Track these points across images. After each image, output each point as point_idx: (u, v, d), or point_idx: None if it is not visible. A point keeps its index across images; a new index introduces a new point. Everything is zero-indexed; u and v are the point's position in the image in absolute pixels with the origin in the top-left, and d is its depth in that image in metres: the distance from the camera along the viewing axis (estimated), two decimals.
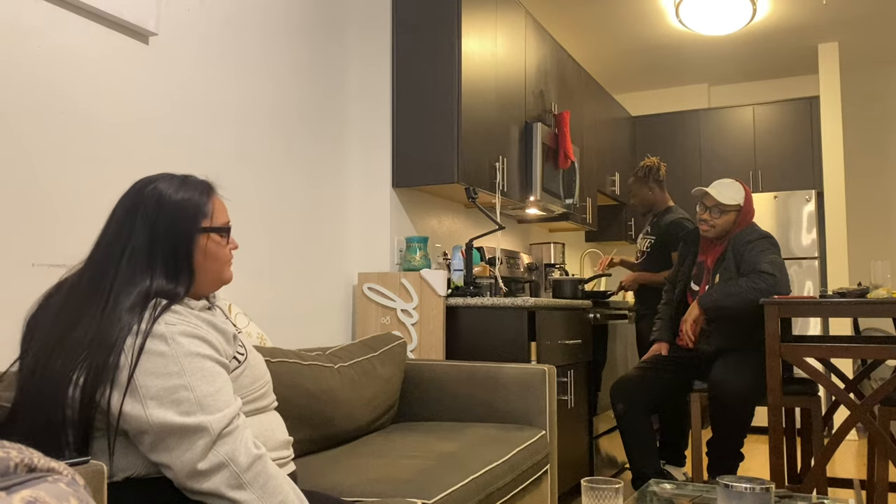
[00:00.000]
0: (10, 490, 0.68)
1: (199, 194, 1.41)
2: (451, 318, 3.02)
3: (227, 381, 1.29)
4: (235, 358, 1.38)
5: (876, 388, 2.53)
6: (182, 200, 1.38)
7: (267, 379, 1.50)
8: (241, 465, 1.23)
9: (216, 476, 1.21)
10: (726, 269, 2.97)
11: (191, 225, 1.37)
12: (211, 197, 1.42)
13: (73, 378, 1.20)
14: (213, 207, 1.41)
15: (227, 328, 1.37)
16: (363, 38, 3.39)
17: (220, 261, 1.42)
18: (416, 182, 3.30)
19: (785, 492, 1.76)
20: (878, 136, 5.83)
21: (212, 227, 1.39)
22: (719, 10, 4.54)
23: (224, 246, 1.42)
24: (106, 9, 2.06)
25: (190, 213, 1.37)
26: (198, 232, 1.38)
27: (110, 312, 1.25)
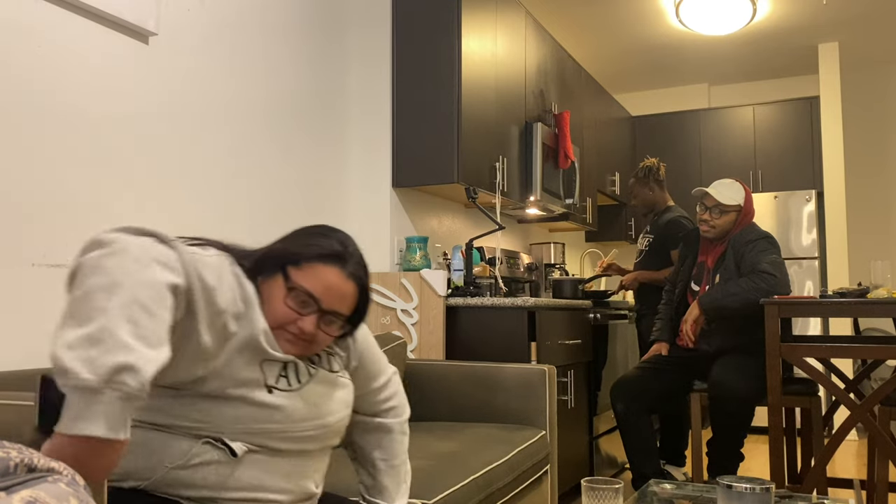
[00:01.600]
0: (10, 490, 0.68)
1: (316, 248, 1.27)
2: (451, 318, 3.02)
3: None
4: (286, 377, 1.24)
5: (876, 388, 2.53)
6: (301, 241, 1.28)
7: (323, 423, 1.29)
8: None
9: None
10: (726, 269, 2.97)
11: (278, 258, 1.26)
12: (326, 262, 1.25)
13: None
14: (313, 268, 1.24)
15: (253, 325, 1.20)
16: (363, 38, 3.39)
17: (274, 311, 1.23)
18: (416, 182, 3.30)
19: (785, 492, 1.76)
20: (878, 136, 5.83)
21: (286, 271, 1.24)
22: (719, 10, 4.54)
23: (283, 305, 1.23)
24: (106, 9, 2.06)
25: (290, 250, 1.26)
26: (277, 266, 1.25)
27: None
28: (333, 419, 1.31)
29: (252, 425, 1.20)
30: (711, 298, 2.89)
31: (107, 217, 2.09)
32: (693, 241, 3.23)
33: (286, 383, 1.23)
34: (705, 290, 3.05)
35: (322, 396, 1.29)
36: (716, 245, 3.08)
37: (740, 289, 2.82)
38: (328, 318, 1.26)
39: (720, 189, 3.02)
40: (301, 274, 1.24)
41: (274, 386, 1.21)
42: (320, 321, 1.25)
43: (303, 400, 1.25)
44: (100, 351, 0.92)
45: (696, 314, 2.94)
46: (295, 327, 1.23)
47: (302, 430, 1.25)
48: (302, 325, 1.23)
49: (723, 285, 2.89)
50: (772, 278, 2.80)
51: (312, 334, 1.24)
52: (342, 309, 1.27)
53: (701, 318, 2.96)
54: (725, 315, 2.91)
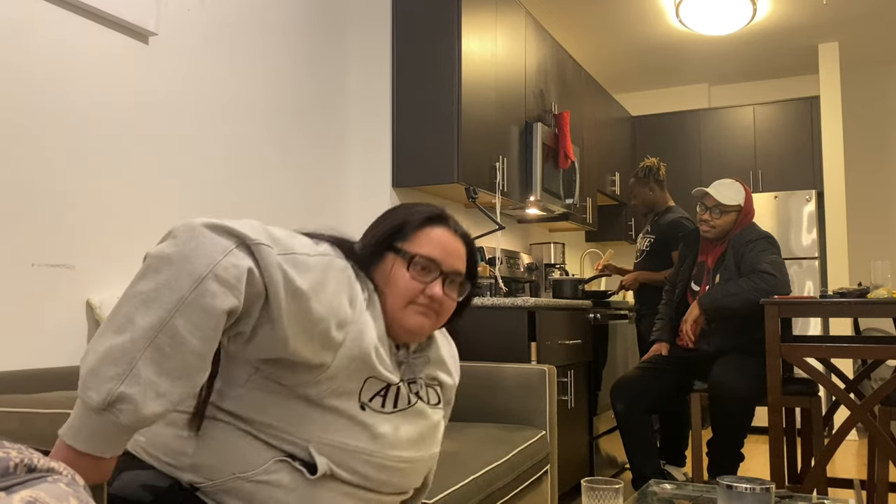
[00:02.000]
0: (9, 490, 0.68)
1: (416, 213, 1.27)
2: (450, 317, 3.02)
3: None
4: (385, 396, 1.18)
5: (876, 388, 2.53)
6: (399, 216, 1.27)
7: (412, 456, 1.23)
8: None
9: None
10: (727, 269, 2.97)
11: (384, 239, 1.24)
12: (429, 225, 1.26)
13: None
14: (421, 234, 1.25)
15: (366, 322, 1.15)
16: (363, 38, 3.39)
17: (395, 290, 1.21)
18: (416, 182, 3.30)
19: (785, 492, 1.76)
20: (879, 135, 5.83)
21: (400, 248, 1.23)
22: (719, 10, 4.54)
23: (408, 277, 1.21)
24: (106, 9, 2.06)
25: (391, 227, 1.25)
26: (387, 247, 1.24)
27: None
28: (424, 455, 1.25)
29: (341, 439, 1.13)
30: (711, 298, 2.89)
31: (107, 217, 2.09)
32: (693, 241, 3.23)
33: (380, 404, 1.17)
34: (705, 290, 3.04)
35: (417, 428, 1.23)
36: (716, 245, 3.08)
37: (740, 289, 2.82)
38: (451, 280, 1.27)
39: (720, 189, 3.02)
40: (413, 244, 1.24)
41: (367, 403, 1.15)
42: (445, 284, 1.25)
43: (395, 427, 1.19)
44: (113, 372, 0.93)
45: (696, 314, 2.95)
46: (424, 297, 1.22)
47: (391, 459, 1.18)
48: (431, 293, 1.22)
49: (723, 285, 2.89)
50: (772, 278, 2.80)
51: (441, 299, 1.23)
52: (460, 267, 1.28)
53: (701, 319, 2.96)
54: (725, 315, 2.91)
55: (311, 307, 1.06)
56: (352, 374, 1.13)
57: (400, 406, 1.20)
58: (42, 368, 1.71)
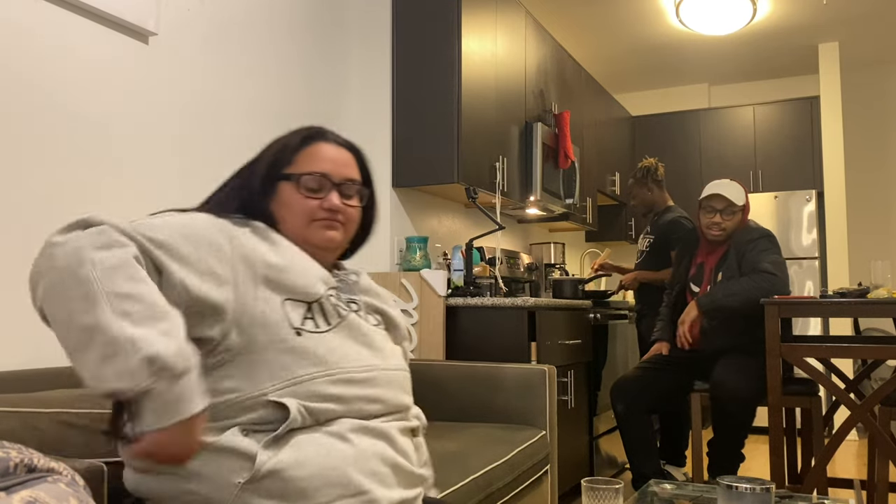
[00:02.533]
0: (9, 490, 0.68)
1: (292, 136, 1.29)
2: (451, 318, 3.02)
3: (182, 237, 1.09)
4: (313, 318, 1.16)
5: (876, 388, 2.53)
6: (277, 145, 1.28)
7: (376, 364, 1.20)
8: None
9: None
10: (729, 267, 2.96)
11: (267, 169, 1.26)
12: (309, 143, 1.28)
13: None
14: (303, 154, 1.27)
15: (290, 256, 1.18)
16: (363, 38, 3.39)
17: (295, 213, 1.24)
18: (416, 182, 3.30)
19: (785, 492, 1.76)
20: (879, 135, 5.83)
21: (287, 173, 1.26)
22: (719, 10, 4.54)
23: (302, 198, 1.24)
24: (106, 9, 2.06)
25: (272, 157, 1.27)
26: (276, 178, 1.26)
27: None
28: (390, 365, 1.22)
29: (290, 375, 1.10)
30: (711, 299, 2.89)
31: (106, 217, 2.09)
32: (690, 242, 3.21)
33: (314, 325, 1.16)
34: (706, 290, 3.04)
35: (362, 340, 1.21)
36: (718, 246, 3.07)
37: (741, 288, 2.82)
38: (345, 189, 1.28)
39: (729, 190, 2.99)
40: (298, 165, 1.26)
41: (301, 328, 1.14)
42: (341, 195, 1.27)
43: (338, 343, 1.17)
44: (119, 361, 0.93)
45: (694, 315, 2.94)
46: (323, 211, 1.25)
47: (350, 370, 1.16)
48: (328, 205, 1.24)
49: (723, 284, 2.88)
50: (773, 277, 2.79)
51: (341, 208, 1.25)
52: (352, 174, 1.30)
53: (699, 319, 2.95)
54: (725, 314, 2.91)
55: (182, 250, 1.08)
56: (265, 303, 1.12)
57: (332, 322, 1.18)
58: (42, 368, 1.71)
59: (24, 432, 1.25)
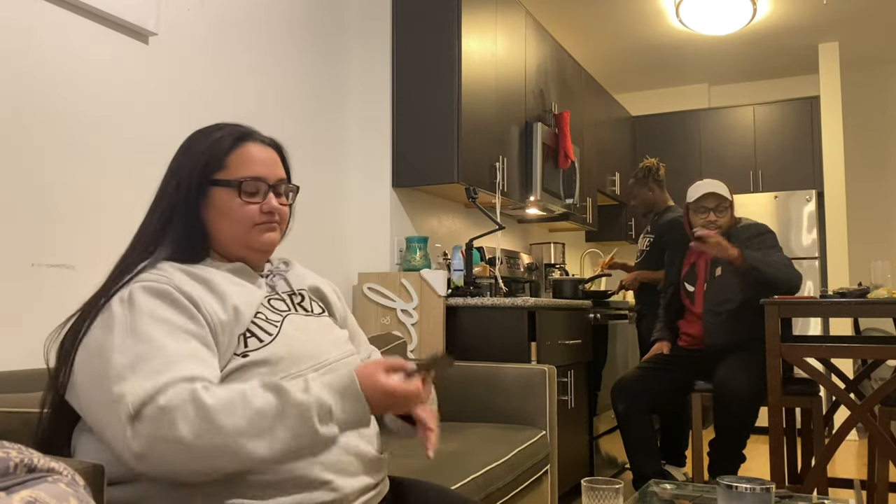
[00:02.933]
0: (9, 490, 0.68)
1: (221, 140, 1.23)
2: (451, 318, 3.02)
3: (180, 344, 1.06)
4: (253, 335, 1.16)
5: (876, 388, 2.53)
6: (199, 145, 1.23)
7: (320, 362, 1.20)
8: (171, 429, 0.98)
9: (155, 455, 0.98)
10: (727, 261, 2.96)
11: (198, 174, 1.21)
12: (238, 145, 1.24)
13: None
14: (234, 157, 1.23)
15: (229, 293, 1.16)
16: (363, 37, 3.39)
17: (235, 220, 1.21)
18: (416, 182, 3.30)
19: (785, 492, 1.76)
20: (879, 135, 5.83)
21: (223, 179, 1.21)
22: (719, 10, 4.54)
23: (242, 204, 1.22)
24: (106, 9, 2.06)
25: (203, 160, 1.21)
26: (208, 183, 1.21)
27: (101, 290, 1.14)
28: (331, 356, 1.23)
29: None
30: (754, 258, 2.77)
31: (107, 217, 2.09)
32: (681, 243, 3.20)
33: (256, 341, 1.16)
34: (702, 287, 3.04)
35: (310, 333, 1.23)
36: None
37: (778, 263, 2.78)
38: (278, 190, 1.28)
39: (716, 187, 2.99)
40: (232, 170, 1.23)
41: (245, 350, 1.15)
42: (275, 195, 1.27)
43: (286, 343, 1.18)
44: (311, 446, 1.05)
45: (736, 255, 2.76)
46: (263, 215, 1.24)
47: (304, 370, 1.16)
48: (269, 208, 1.24)
49: (763, 253, 2.80)
50: (796, 273, 2.79)
51: (279, 209, 1.26)
52: (282, 174, 1.30)
53: (736, 261, 2.77)
54: (752, 279, 2.80)
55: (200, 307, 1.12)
56: (226, 348, 1.14)
57: (272, 332, 1.19)
58: (42, 368, 1.71)
59: (24, 432, 1.25)
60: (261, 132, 1.31)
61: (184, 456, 0.97)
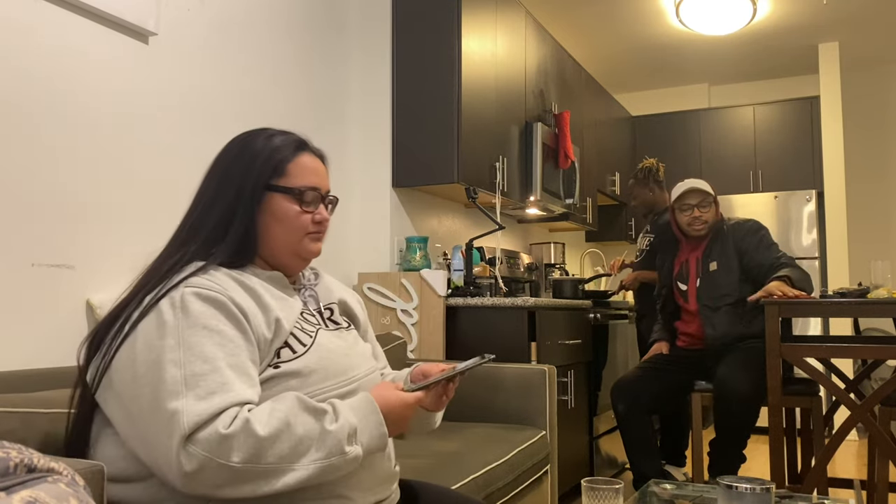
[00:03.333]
0: (9, 490, 0.68)
1: (281, 147, 1.24)
2: (451, 318, 3.02)
3: (232, 360, 1.08)
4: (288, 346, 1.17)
5: (876, 388, 2.53)
6: (261, 150, 1.23)
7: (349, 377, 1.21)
8: (225, 455, 1.00)
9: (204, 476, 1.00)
10: (726, 256, 2.98)
11: (259, 178, 1.21)
12: (297, 154, 1.25)
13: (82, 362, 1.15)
14: (294, 165, 1.23)
15: (272, 307, 1.16)
16: (363, 38, 3.39)
17: (292, 228, 1.22)
18: (416, 182, 3.30)
19: (785, 492, 1.76)
20: (879, 136, 5.83)
21: (283, 186, 1.22)
22: (719, 10, 4.54)
23: (300, 213, 1.22)
24: (106, 9, 2.06)
25: (261, 164, 1.21)
26: (266, 188, 1.21)
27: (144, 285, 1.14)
28: (358, 373, 1.24)
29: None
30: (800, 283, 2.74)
31: (106, 217, 2.09)
32: (671, 244, 3.24)
33: (289, 352, 1.17)
34: (695, 284, 3.06)
35: (339, 349, 1.24)
36: (699, 242, 3.10)
37: (805, 275, 2.78)
38: (328, 201, 1.30)
39: (698, 184, 3.05)
40: (292, 177, 1.24)
41: (277, 361, 1.16)
42: (325, 207, 1.29)
43: (318, 357, 1.19)
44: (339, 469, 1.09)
45: (789, 289, 2.68)
46: (314, 225, 1.25)
47: (332, 387, 1.18)
48: (320, 218, 1.26)
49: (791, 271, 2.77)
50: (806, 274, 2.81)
51: (327, 219, 1.27)
52: (329, 185, 1.31)
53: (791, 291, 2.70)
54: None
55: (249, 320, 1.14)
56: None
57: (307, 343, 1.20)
58: (42, 368, 1.71)
59: (24, 432, 1.25)
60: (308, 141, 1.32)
61: (228, 479, 1.01)
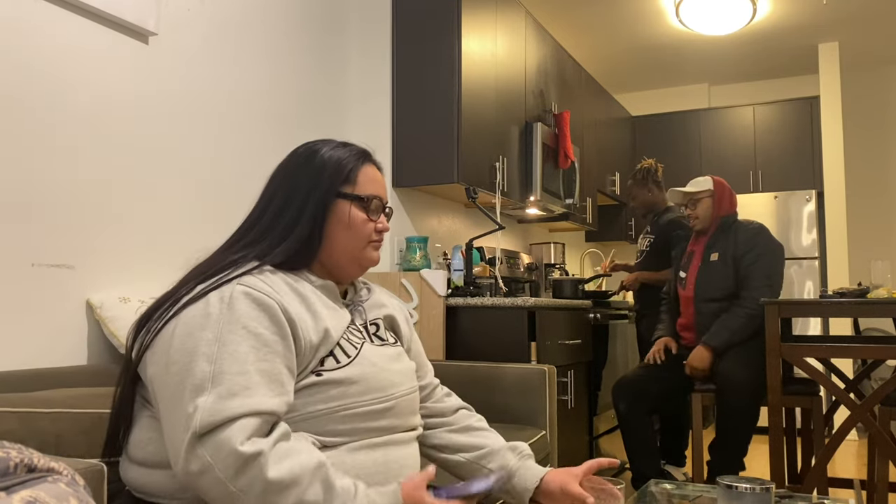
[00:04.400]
0: (9, 490, 0.68)
1: (350, 157, 1.28)
2: (451, 318, 3.02)
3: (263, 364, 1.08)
4: (332, 356, 1.18)
5: (876, 388, 2.53)
6: (330, 158, 1.27)
7: (387, 394, 1.22)
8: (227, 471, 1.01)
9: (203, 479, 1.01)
10: (727, 250, 3.03)
11: (329, 184, 1.24)
12: (363, 164, 1.29)
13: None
14: (361, 175, 1.28)
15: (323, 316, 1.18)
16: (363, 38, 3.39)
17: (358, 235, 1.25)
18: (416, 182, 3.30)
19: (785, 492, 1.76)
20: (878, 136, 5.83)
21: (352, 193, 1.26)
22: (719, 10, 4.54)
23: (366, 220, 1.27)
24: (106, 9, 2.06)
25: (331, 171, 1.25)
26: (335, 195, 1.25)
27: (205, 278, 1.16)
28: (398, 391, 1.24)
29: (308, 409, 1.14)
30: (720, 341, 2.90)
31: (107, 217, 2.09)
32: (686, 239, 3.34)
33: (333, 362, 1.18)
34: (695, 271, 3.10)
35: (382, 365, 1.24)
36: (702, 234, 3.18)
37: (740, 322, 2.89)
38: (387, 212, 1.33)
39: (690, 185, 3.16)
40: (359, 186, 1.27)
41: (320, 369, 1.16)
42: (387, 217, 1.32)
43: (361, 370, 1.20)
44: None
45: (707, 358, 2.91)
46: (377, 234, 1.28)
47: (370, 401, 1.19)
48: (382, 227, 1.29)
49: (724, 322, 2.91)
50: (757, 315, 2.87)
51: (387, 229, 1.31)
52: (388, 197, 1.35)
53: (709, 361, 2.92)
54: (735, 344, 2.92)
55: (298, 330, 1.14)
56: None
57: (351, 354, 1.21)
58: (42, 368, 1.71)
59: (24, 432, 1.25)
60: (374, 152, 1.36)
61: (219, 495, 1.01)
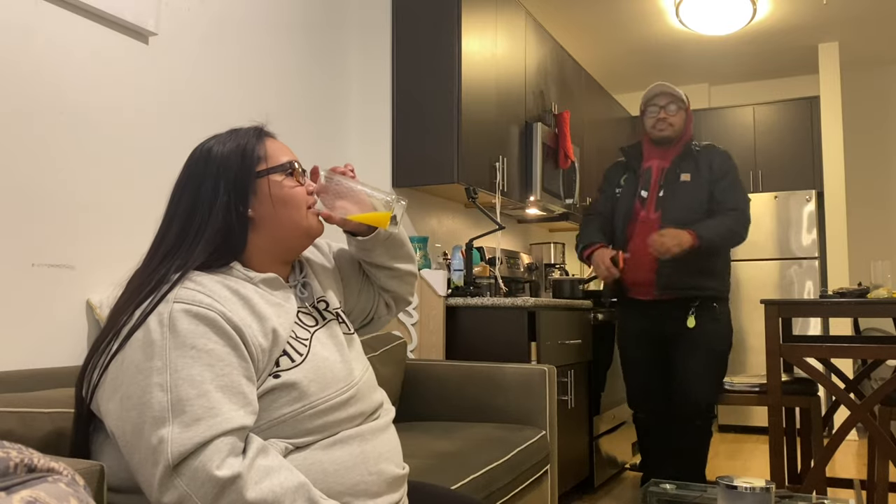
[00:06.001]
0: (9, 490, 0.68)
1: (247, 138, 1.25)
2: (451, 318, 3.02)
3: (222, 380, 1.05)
4: (286, 354, 1.15)
5: (876, 388, 2.53)
6: (228, 148, 1.22)
7: (348, 384, 1.20)
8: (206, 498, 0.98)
9: None
10: (699, 172, 2.91)
11: (238, 170, 1.20)
12: (263, 139, 1.27)
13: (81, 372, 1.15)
14: (268, 148, 1.25)
15: (268, 315, 1.14)
16: (363, 37, 3.39)
17: (293, 204, 1.22)
18: (415, 182, 3.30)
19: (785, 492, 1.76)
20: (878, 136, 5.83)
21: (268, 168, 1.22)
22: (719, 10, 4.54)
23: (294, 184, 1.24)
24: (106, 9, 2.06)
25: (235, 159, 1.21)
26: (253, 176, 1.21)
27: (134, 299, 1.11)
28: (356, 378, 1.23)
29: (273, 416, 1.11)
30: (711, 236, 2.77)
31: (107, 217, 2.09)
32: (625, 163, 3.14)
33: (288, 360, 1.15)
34: (656, 189, 2.95)
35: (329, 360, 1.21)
36: (668, 148, 3.00)
37: (729, 231, 2.80)
38: (308, 176, 1.32)
39: (670, 88, 3.00)
40: (271, 158, 1.26)
41: (277, 371, 1.14)
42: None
43: (315, 364, 1.17)
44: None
45: (690, 243, 2.72)
46: (310, 196, 1.28)
47: (333, 394, 1.16)
48: (311, 189, 1.29)
49: (713, 225, 2.79)
50: (746, 222, 2.83)
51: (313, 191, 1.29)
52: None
53: (693, 245, 2.74)
54: (704, 252, 2.80)
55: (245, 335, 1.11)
56: (267, 357, 1.15)
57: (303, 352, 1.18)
58: (42, 368, 1.71)
59: (24, 432, 1.25)
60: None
61: None
